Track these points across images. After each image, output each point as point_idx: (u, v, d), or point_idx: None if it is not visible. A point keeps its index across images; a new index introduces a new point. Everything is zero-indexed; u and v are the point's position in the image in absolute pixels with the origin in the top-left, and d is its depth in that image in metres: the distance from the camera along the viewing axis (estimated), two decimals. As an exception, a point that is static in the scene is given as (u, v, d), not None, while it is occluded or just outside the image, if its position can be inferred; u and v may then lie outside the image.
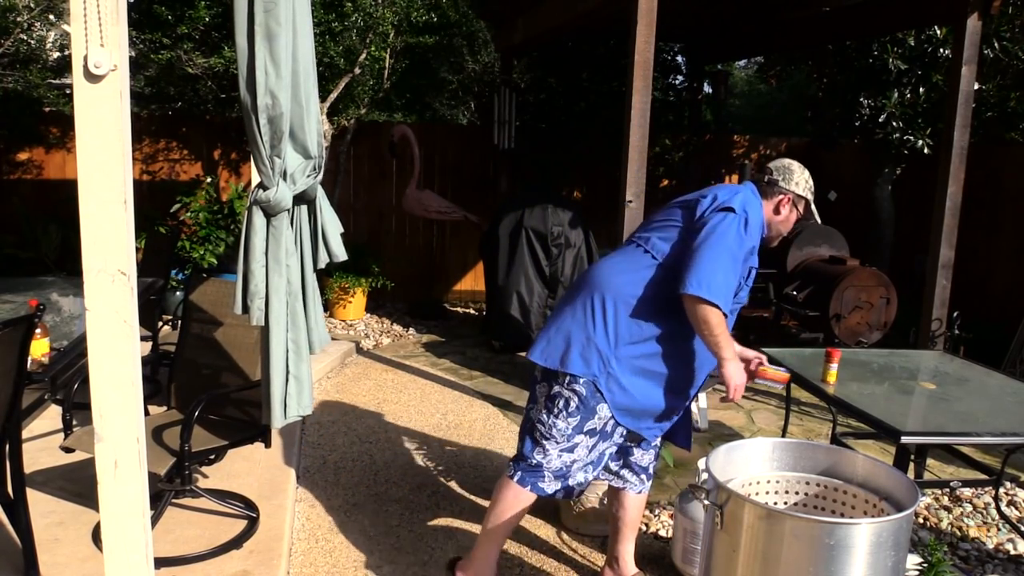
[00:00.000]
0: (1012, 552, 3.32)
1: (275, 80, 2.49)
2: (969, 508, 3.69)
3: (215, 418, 3.23)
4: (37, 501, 3.11)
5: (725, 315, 2.35)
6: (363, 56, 6.64)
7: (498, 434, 4.50)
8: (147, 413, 2.93)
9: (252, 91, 2.49)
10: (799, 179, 2.59)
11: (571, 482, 2.55)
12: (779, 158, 2.75)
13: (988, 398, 3.19)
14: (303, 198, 2.75)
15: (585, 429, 2.46)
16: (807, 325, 5.93)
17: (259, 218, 2.66)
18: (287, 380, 2.83)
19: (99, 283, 1.69)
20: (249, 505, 3.26)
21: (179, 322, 4.00)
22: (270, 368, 2.79)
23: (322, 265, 2.84)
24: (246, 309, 2.71)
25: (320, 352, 3.07)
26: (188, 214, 6.89)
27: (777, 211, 2.59)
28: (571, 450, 2.49)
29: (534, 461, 2.53)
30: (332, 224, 2.85)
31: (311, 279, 2.85)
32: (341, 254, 2.87)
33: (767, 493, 2.20)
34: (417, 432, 4.49)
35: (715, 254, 2.31)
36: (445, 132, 8.52)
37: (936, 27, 6.38)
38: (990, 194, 6.76)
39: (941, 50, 6.48)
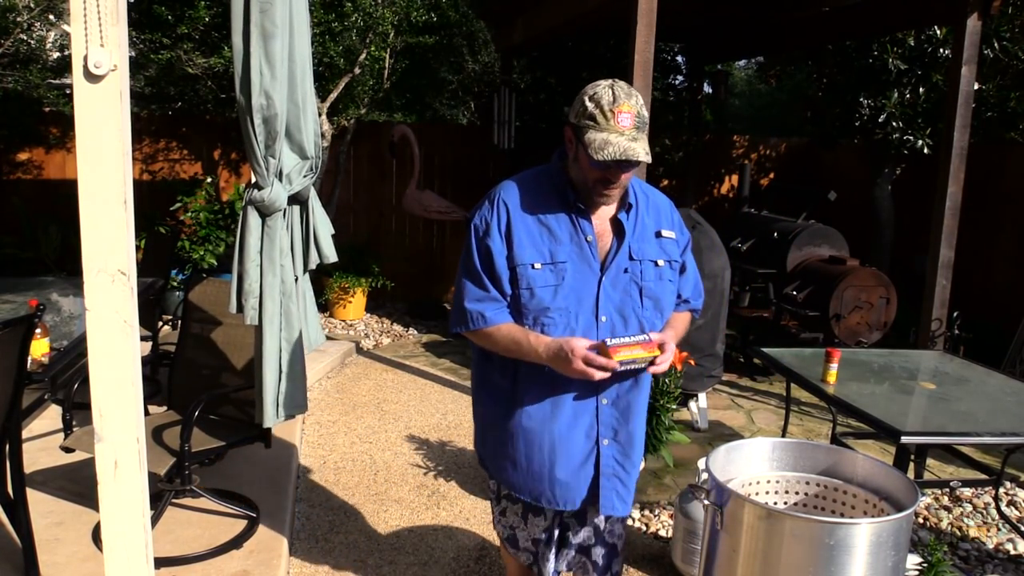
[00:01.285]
0: (1012, 552, 3.32)
1: (270, 80, 2.49)
2: (969, 508, 3.69)
3: (215, 418, 3.23)
4: (37, 501, 3.11)
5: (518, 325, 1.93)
6: (363, 56, 6.64)
7: (498, 434, 4.50)
8: (147, 413, 2.93)
9: (247, 91, 2.49)
10: (576, 105, 1.88)
11: (534, 565, 2.21)
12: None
13: (988, 398, 3.19)
14: (296, 199, 2.75)
15: (501, 495, 2.18)
16: (807, 325, 5.92)
17: (254, 218, 2.66)
18: (280, 379, 2.84)
19: (99, 283, 1.69)
20: (249, 505, 3.26)
21: (179, 322, 4.00)
22: (263, 367, 2.79)
23: (312, 266, 2.84)
24: (241, 308, 2.72)
25: (315, 352, 3.06)
26: (188, 214, 6.89)
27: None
28: (503, 513, 2.20)
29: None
30: (323, 225, 2.86)
31: (302, 280, 2.85)
32: (332, 255, 2.87)
33: (767, 493, 2.20)
34: (417, 432, 4.49)
35: (457, 281, 2.00)
36: (445, 132, 8.52)
37: (936, 27, 6.38)
38: (990, 194, 6.77)
39: (941, 50, 6.47)
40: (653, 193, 2.10)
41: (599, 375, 1.82)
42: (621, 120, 1.81)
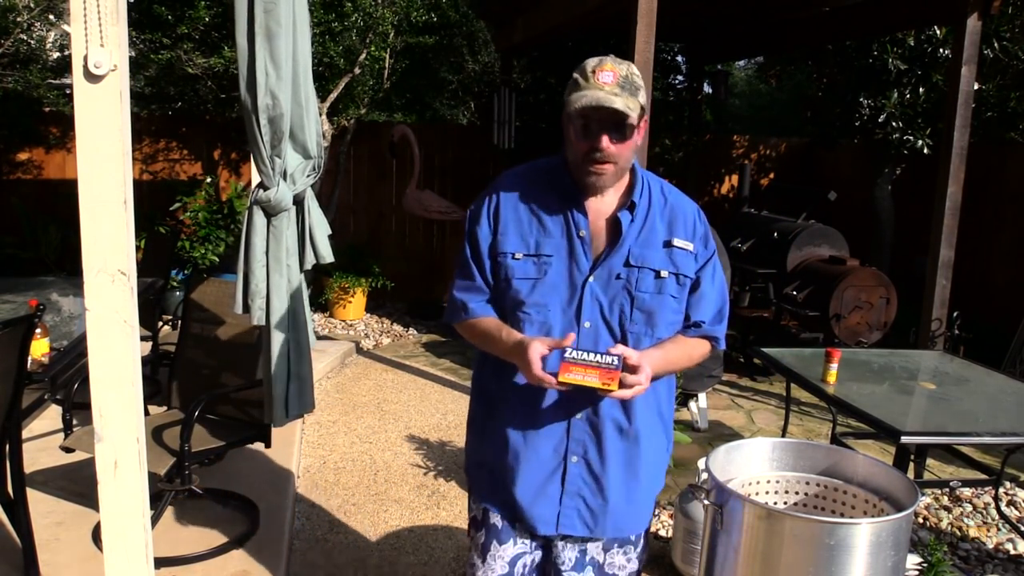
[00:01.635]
0: (1012, 552, 3.32)
1: (275, 80, 2.49)
2: (969, 508, 3.69)
3: (215, 418, 3.23)
4: (37, 501, 3.11)
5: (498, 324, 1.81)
6: (363, 56, 6.64)
7: (498, 434, 4.50)
8: (147, 413, 2.93)
9: (252, 91, 2.49)
10: (570, 81, 1.77)
11: None
12: None
13: (988, 398, 3.19)
14: (293, 199, 2.75)
15: (470, 515, 2.05)
16: (807, 325, 5.92)
17: (260, 218, 2.66)
18: (288, 379, 2.84)
19: (99, 283, 1.69)
20: (249, 505, 3.26)
21: (179, 322, 4.00)
22: (271, 368, 2.79)
23: (308, 267, 2.84)
24: (247, 309, 2.72)
25: (315, 352, 3.06)
26: (187, 214, 6.90)
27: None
28: (470, 547, 2.01)
29: None
30: (320, 225, 2.85)
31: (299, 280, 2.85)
32: (328, 256, 2.86)
33: (767, 493, 2.20)
34: (417, 432, 4.49)
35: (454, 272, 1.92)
36: (445, 132, 8.52)
37: (936, 27, 6.38)
38: (990, 194, 6.77)
39: (941, 50, 6.48)
40: (675, 196, 1.87)
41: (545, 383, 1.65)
42: (601, 77, 1.69)
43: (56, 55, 7.15)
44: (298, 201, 2.77)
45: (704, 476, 2.13)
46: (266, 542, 3.04)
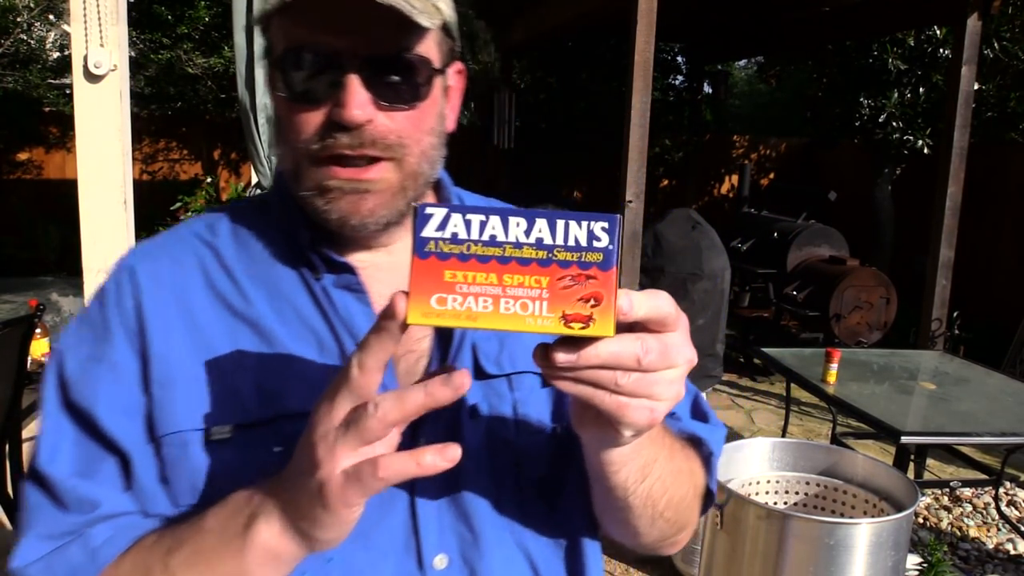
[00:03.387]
0: (1012, 552, 3.32)
1: (275, 80, 2.48)
2: (969, 508, 3.69)
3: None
4: (37, 501, 3.10)
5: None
6: (363, 56, 6.64)
7: (498, 434, 4.49)
8: (147, 413, 2.92)
9: (251, 90, 2.48)
10: None
11: None
12: None
13: (988, 398, 3.19)
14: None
15: None
16: (807, 325, 5.93)
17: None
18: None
19: (99, 283, 1.69)
20: (249, 505, 3.25)
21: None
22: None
23: None
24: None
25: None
26: (188, 214, 6.90)
27: None
28: None
29: None
30: None
31: None
32: None
33: (767, 493, 2.20)
34: (417, 432, 4.48)
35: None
36: (445, 132, 8.52)
37: (936, 27, 6.38)
38: (990, 194, 6.77)
39: (941, 50, 6.48)
40: None
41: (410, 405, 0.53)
42: None
43: (56, 55, 7.16)
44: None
45: (704, 476, 2.13)
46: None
